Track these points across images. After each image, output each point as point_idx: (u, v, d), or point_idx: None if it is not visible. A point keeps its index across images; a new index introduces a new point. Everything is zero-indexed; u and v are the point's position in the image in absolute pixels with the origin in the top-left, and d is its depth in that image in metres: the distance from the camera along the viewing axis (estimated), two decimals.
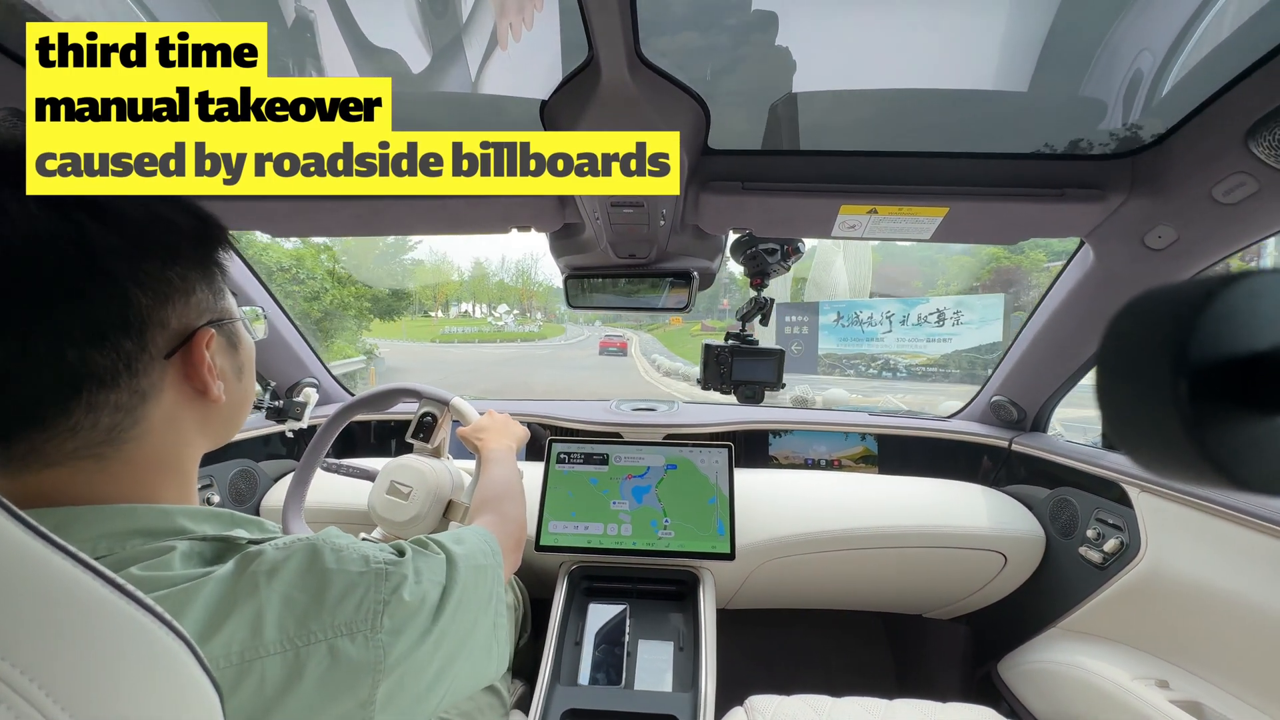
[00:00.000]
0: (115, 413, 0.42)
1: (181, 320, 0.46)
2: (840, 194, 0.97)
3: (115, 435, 0.43)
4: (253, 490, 1.53)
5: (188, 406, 0.48)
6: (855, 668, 1.90)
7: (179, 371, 0.46)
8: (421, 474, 1.16)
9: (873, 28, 0.81)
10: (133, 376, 0.43)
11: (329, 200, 1.02)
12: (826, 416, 1.82)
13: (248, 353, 0.57)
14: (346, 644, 0.43)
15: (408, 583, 0.49)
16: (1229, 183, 0.84)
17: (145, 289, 0.43)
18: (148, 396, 0.44)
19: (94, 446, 0.42)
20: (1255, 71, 0.73)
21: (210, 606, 0.40)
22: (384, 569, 0.48)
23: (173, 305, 0.45)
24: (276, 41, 0.90)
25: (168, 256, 0.45)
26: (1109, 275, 1.13)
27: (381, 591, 0.47)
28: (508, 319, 57.23)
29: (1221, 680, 1.02)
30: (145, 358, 0.43)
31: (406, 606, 0.48)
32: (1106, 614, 1.24)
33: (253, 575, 0.42)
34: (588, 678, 1.16)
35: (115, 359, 0.41)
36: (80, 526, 0.41)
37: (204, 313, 0.48)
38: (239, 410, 0.56)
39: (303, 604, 0.43)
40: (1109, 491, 1.27)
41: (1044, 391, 1.49)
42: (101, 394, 0.41)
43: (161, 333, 0.44)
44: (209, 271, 0.50)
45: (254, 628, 0.40)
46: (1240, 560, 1.00)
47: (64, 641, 0.25)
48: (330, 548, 0.47)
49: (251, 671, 0.39)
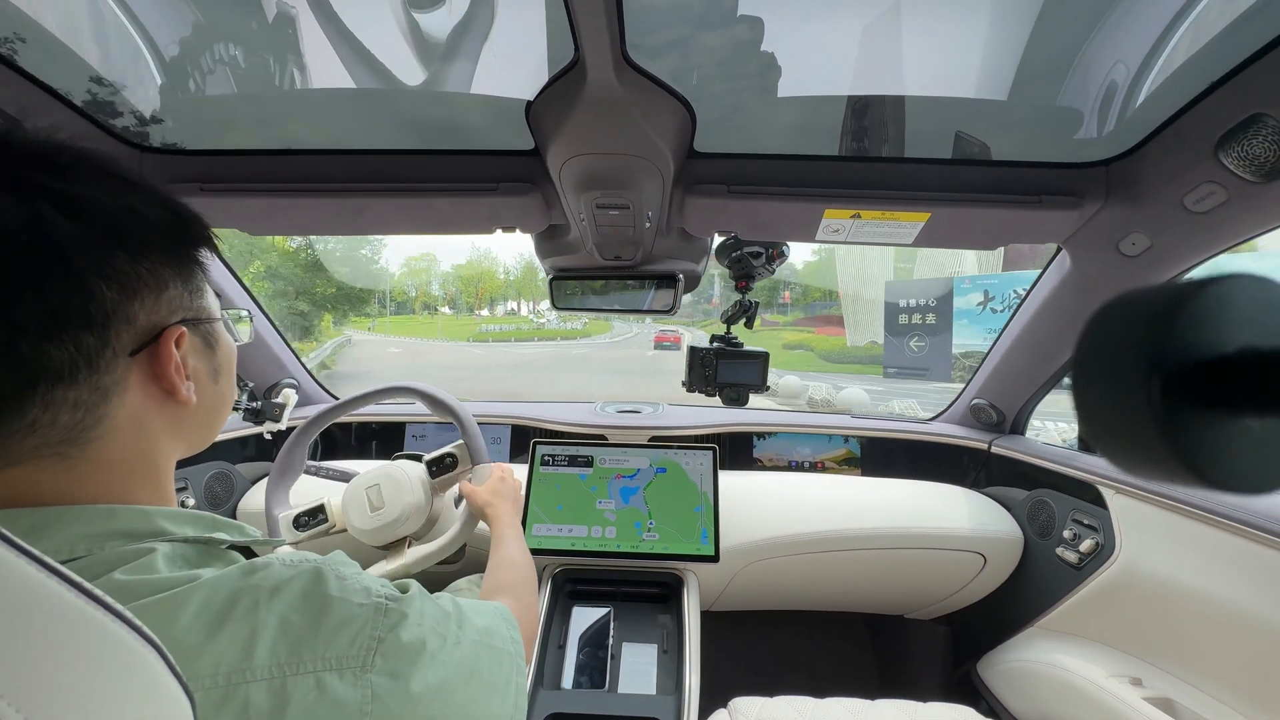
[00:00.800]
0: (75, 410, 0.41)
1: (150, 317, 0.44)
2: (824, 198, 0.98)
3: (77, 434, 0.41)
4: (229, 493, 1.50)
5: (156, 407, 0.46)
6: (838, 668, 1.92)
7: (145, 370, 0.45)
8: (398, 484, 1.13)
9: (857, 34, 0.82)
10: (94, 373, 0.41)
11: (308, 198, 1.00)
12: (810, 419, 1.83)
13: (226, 355, 0.55)
14: (334, 680, 0.40)
15: (407, 623, 0.46)
16: (1199, 192, 0.86)
17: (110, 282, 0.41)
18: (110, 394, 0.42)
19: (55, 445, 0.41)
20: (1225, 84, 0.76)
21: (203, 616, 0.39)
22: (384, 604, 0.46)
23: (141, 300, 0.43)
24: (258, 38, 0.88)
25: (138, 250, 0.43)
26: (1085, 281, 1.16)
27: (378, 628, 0.44)
28: (550, 315, 55.73)
29: (1192, 677, 1.05)
30: (108, 353, 0.41)
31: (403, 649, 0.45)
32: (1082, 613, 1.27)
33: (254, 590, 0.41)
34: (571, 681, 1.15)
35: (74, 353, 0.39)
36: (59, 527, 0.40)
37: (176, 310, 0.46)
38: (215, 414, 0.54)
39: (299, 630, 0.41)
40: (1085, 493, 1.30)
41: (1022, 394, 1.51)
42: (59, 390, 0.39)
43: (127, 329, 0.43)
44: (185, 269, 0.48)
45: (246, 648, 0.38)
46: (1210, 560, 1.02)
47: (31, 651, 0.24)
48: (335, 574, 0.45)
49: (235, 696, 0.37)
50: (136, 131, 0.99)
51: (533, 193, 1.00)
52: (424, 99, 0.97)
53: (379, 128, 1.02)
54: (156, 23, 0.86)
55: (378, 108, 0.99)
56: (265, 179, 1.00)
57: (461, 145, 0.99)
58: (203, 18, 0.85)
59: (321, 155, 1.00)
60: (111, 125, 0.95)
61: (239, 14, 0.86)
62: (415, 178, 1.00)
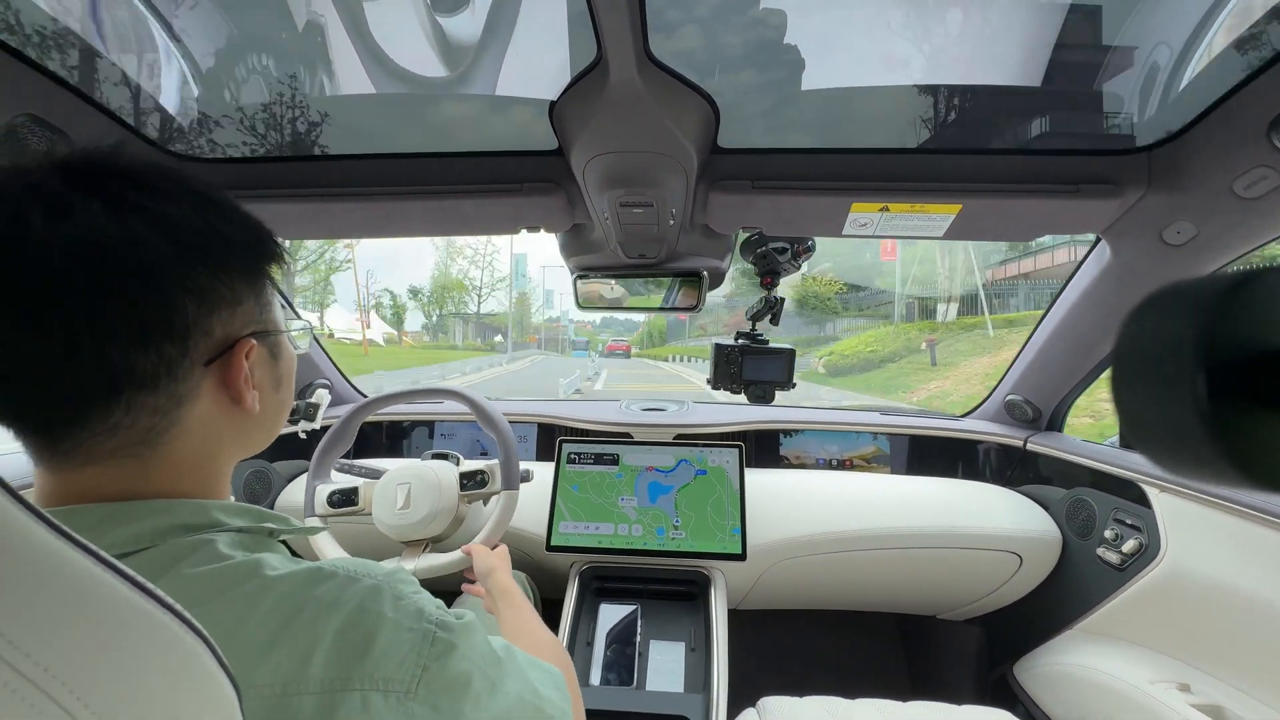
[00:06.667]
0: (153, 415, 0.43)
1: (226, 329, 0.47)
2: (851, 191, 0.96)
3: (152, 437, 0.44)
4: (267, 490, 1.55)
5: (222, 414, 0.48)
6: (868, 669, 1.89)
7: (217, 379, 0.47)
8: (429, 488, 1.16)
9: (881, 23, 0.81)
10: (173, 381, 0.43)
11: (338, 202, 1.03)
12: (837, 416, 1.81)
13: (288, 365, 0.57)
14: (379, 700, 0.41)
15: (455, 654, 0.45)
16: (1250, 176, 0.82)
17: (193, 296, 0.43)
18: (185, 401, 0.45)
19: (133, 446, 0.43)
20: (1278, 63, 0.72)
21: (269, 623, 0.40)
22: (433, 632, 0.45)
23: (219, 314, 0.46)
24: (289, 47, 0.91)
25: (218, 267, 0.45)
26: (1126, 272, 1.12)
27: (423, 655, 0.44)
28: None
29: (1244, 683, 1.00)
30: (186, 363, 0.44)
31: (448, 681, 0.44)
32: (1125, 616, 1.22)
33: (317, 601, 0.42)
34: (599, 678, 1.16)
35: (157, 362, 0.42)
36: (120, 521, 0.42)
37: (248, 324, 0.49)
38: (273, 421, 0.56)
39: (353, 646, 0.41)
40: (1127, 491, 1.25)
41: (1060, 390, 1.46)
42: (141, 396, 0.42)
43: (205, 340, 0.45)
44: (258, 284, 0.50)
45: (303, 660, 0.39)
46: (1264, 561, 0.98)
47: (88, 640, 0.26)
48: (393, 593, 0.45)
49: (288, 707, 0.38)
50: (173, 139, 1.02)
51: (557, 192, 1.01)
52: (449, 102, 0.99)
53: (405, 132, 1.04)
54: (192, 34, 0.89)
55: (404, 112, 1.01)
56: (295, 185, 1.02)
57: (486, 147, 1.00)
58: (236, 29, 0.88)
59: (350, 160, 1.02)
60: (150, 134, 0.99)
61: (271, 25, 0.89)
62: (441, 180, 1.01)
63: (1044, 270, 19.74)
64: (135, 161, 0.43)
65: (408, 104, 1.00)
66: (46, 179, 0.39)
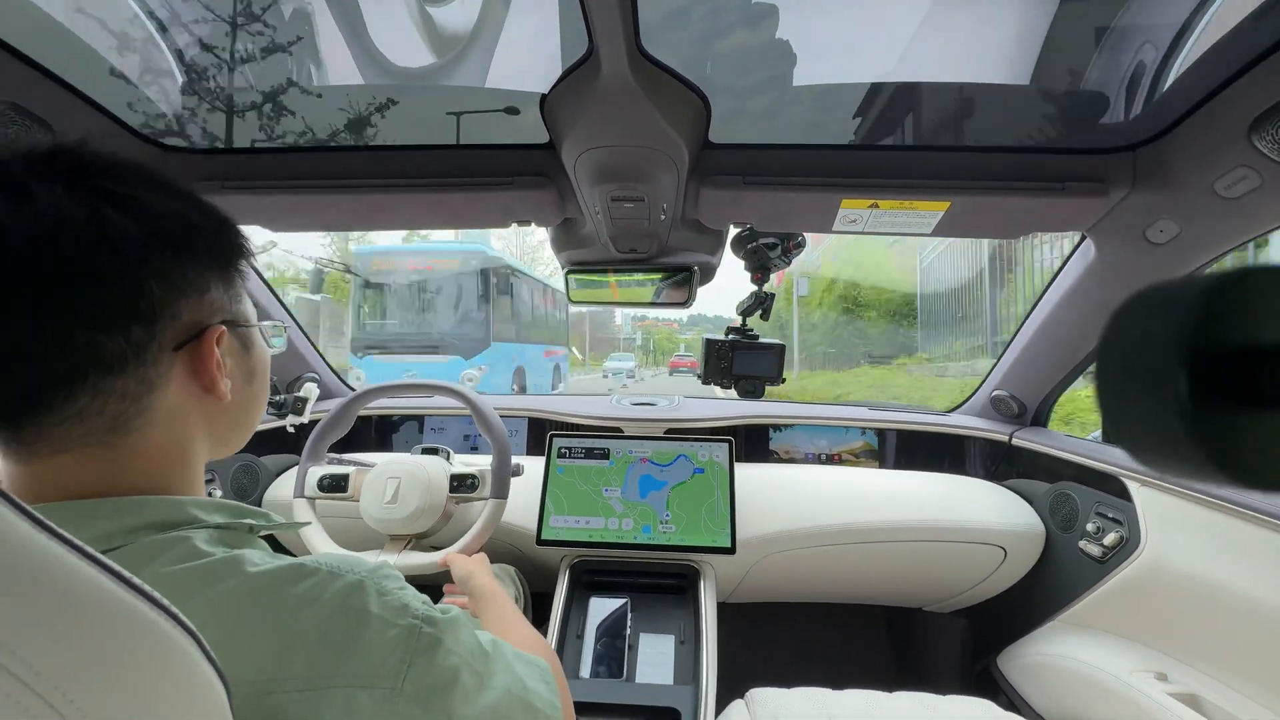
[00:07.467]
0: (122, 400, 0.43)
1: (194, 315, 0.46)
2: (841, 188, 0.97)
3: (121, 423, 0.43)
4: (254, 485, 1.53)
5: (194, 401, 0.48)
6: (856, 661, 1.91)
7: (186, 366, 0.47)
8: (419, 485, 1.15)
9: (872, 20, 0.81)
10: (141, 365, 0.43)
11: (328, 194, 1.02)
12: (827, 411, 1.82)
13: (261, 359, 0.57)
14: (364, 697, 0.40)
15: (441, 648, 0.45)
16: (1231, 176, 0.83)
17: (160, 278, 0.43)
18: (154, 386, 0.44)
19: (101, 434, 0.43)
20: (1260, 64, 0.73)
21: (250, 617, 0.39)
22: (418, 627, 0.44)
23: (186, 299, 0.46)
24: (276, 37, 0.89)
25: (184, 251, 0.45)
26: (1110, 270, 1.13)
27: (409, 651, 0.43)
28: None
29: (1220, 673, 1.03)
30: (154, 347, 0.44)
31: (434, 676, 0.44)
32: (1106, 607, 1.25)
33: (298, 597, 0.41)
34: (589, 671, 1.17)
35: (124, 345, 0.41)
36: (94, 521, 0.41)
37: (217, 312, 0.49)
38: (246, 413, 0.56)
39: (335, 643, 0.41)
40: (1109, 485, 1.28)
41: (1045, 386, 1.48)
42: (108, 380, 0.41)
43: (172, 324, 0.45)
44: (226, 274, 0.50)
45: (284, 657, 0.39)
46: (1240, 555, 1.00)
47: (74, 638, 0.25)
48: (377, 588, 0.45)
49: (269, 705, 0.38)
50: (161, 131, 1.00)
51: (548, 186, 1.00)
52: (440, 93, 0.98)
53: (396, 124, 1.03)
54: (177, 23, 0.87)
55: (395, 103, 1.00)
56: (285, 176, 1.01)
57: (477, 140, 1.00)
58: (222, 17, 0.87)
59: (340, 152, 1.01)
60: (136, 126, 0.97)
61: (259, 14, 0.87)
62: (431, 173, 1.00)
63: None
64: (101, 154, 0.43)
65: (398, 95, 0.99)
66: (8, 166, 0.39)
